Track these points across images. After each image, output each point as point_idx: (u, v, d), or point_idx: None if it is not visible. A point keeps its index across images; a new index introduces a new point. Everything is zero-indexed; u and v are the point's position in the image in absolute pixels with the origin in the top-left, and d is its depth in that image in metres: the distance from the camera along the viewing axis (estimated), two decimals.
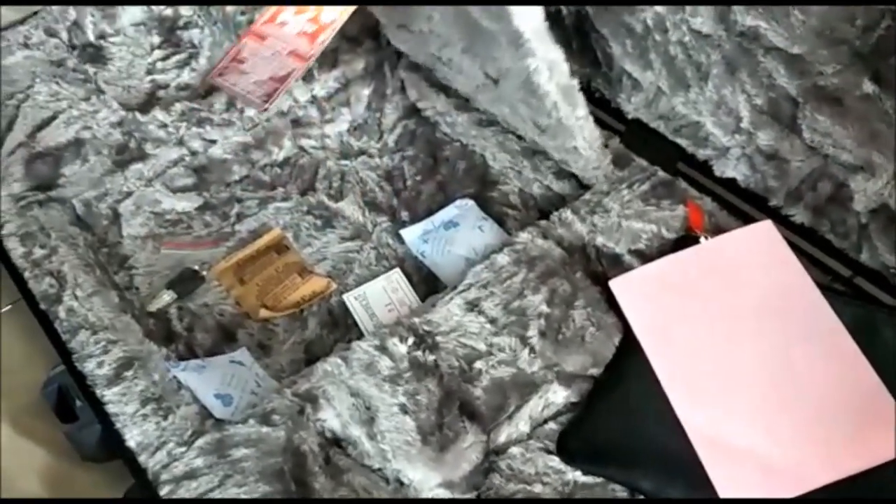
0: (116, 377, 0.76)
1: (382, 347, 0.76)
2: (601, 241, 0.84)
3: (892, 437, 0.68)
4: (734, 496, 0.67)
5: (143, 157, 0.99)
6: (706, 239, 0.81)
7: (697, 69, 0.82)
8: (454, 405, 0.73)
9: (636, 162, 0.91)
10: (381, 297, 0.90)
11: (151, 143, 1.00)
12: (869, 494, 0.67)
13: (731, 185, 0.87)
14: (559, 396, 0.75)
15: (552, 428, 0.74)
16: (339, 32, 0.90)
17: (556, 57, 0.75)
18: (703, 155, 0.88)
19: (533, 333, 0.77)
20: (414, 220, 0.97)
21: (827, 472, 0.67)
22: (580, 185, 0.93)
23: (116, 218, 0.97)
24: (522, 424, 0.74)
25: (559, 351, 0.76)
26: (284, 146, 1.04)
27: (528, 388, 0.74)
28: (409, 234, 0.95)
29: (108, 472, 0.78)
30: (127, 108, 1.03)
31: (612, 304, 0.79)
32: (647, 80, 0.89)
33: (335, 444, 0.73)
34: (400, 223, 0.97)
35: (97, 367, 0.76)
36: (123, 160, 0.98)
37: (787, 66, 0.75)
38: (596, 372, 0.76)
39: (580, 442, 0.73)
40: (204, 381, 0.77)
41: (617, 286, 0.78)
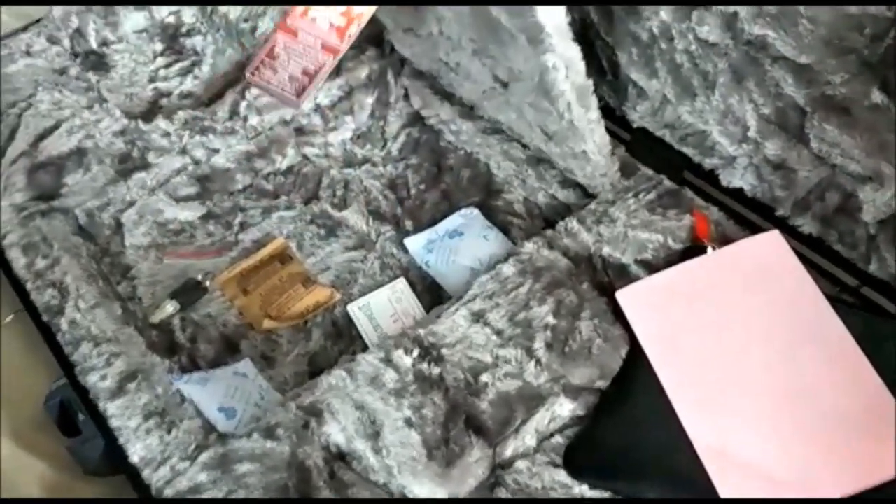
0: (119, 390, 0.75)
1: (387, 360, 0.75)
2: (607, 251, 0.84)
3: None
4: None
5: (145, 166, 0.99)
6: (713, 249, 0.80)
7: (704, 78, 0.82)
8: (460, 419, 0.72)
9: (642, 171, 0.90)
10: (385, 307, 0.89)
11: (154, 152, 1.00)
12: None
13: (737, 194, 0.86)
14: (566, 409, 0.74)
15: (559, 441, 0.73)
16: None
17: (574, 55, 0.74)
18: (709, 164, 0.87)
19: (539, 345, 0.76)
20: (418, 228, 0.97)
21: (835, 487, 0.66)
22: (585, 193, 0.92)
23: (119, 228, 0.96)
24: (529, 438, 0.73)
25: (566, 363, 0.75)
26: (288, 155, 1.03)
27: (534, 401, 0.74)
28: (413, 243, 0.94)
29: (111, 486, 0.77)
30: (130, 116, 1.03)
31: (618, 315, 0.78)
32: (652, 88, 0.88)
33: (340, 458, 0.72)
34: (404, 232, 0.97)
35: (100, 379, 0.76)
36: (126, 169, 0.98)
37: (794, 75, 0.74)
38: (603, 384, 0.75)
39: (587, 456, 0.72)
40: (207, 394, 0.77)
41: (623, 297, 0.78)
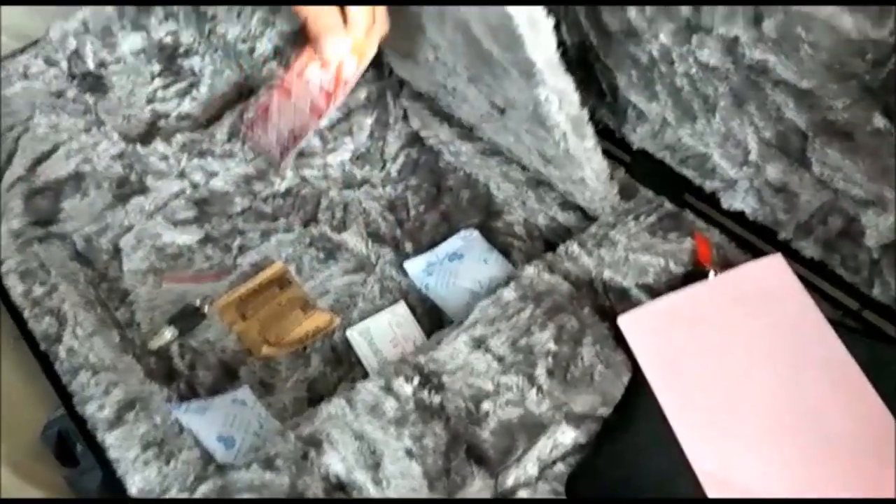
0: (117, 420, 0.75)
1: (388, 388, 0.75)
2: (608, 274, 0.83)
3: None
4: None
5: (143, 190, 0.98)
6: (715, 273, 0.80)
7: (704, 101, 0.81)
8: (461, 449, 0.71)
9: (642, 193, 0.90)
10: (385, 332, 0.89)
11: (152, 175, 0.99)
12: None
13: (738, 217, 0.86)
14: (568, 437, 0.73)
15: (561, 469, 0.72)
16: None
17: (566, 87, 0.74)
18: (710, 187, 0.87)
19: (541, 372, 0.76)
20: (418, 251, 0.96)
21: None
22: (585, 216, 0.91)
23: (117, 253, 0.95)
24: (531, 466, 0.72)
25: (568, 390, 0.75)
26: (286, 176, 1.03)
27: (536, 429, 0.73)
28: (412, 266, 0.94)
29: None
30: (127, 138, 1.02)
31: (620, 340, 0.78)
32: (652, 111, 0.88)
33: (340, 489, 0.71)
34: (403, 254, 0.96)
35: (98, 409, 0.75)
36: (124, 193, 0.98)
37: (796, 99, 0.74)
38: (605, 412, 0.74)
39: (589, 484, 0.71)
40: (206, 423, 0.76)
41: (625, 323, 0.77)
